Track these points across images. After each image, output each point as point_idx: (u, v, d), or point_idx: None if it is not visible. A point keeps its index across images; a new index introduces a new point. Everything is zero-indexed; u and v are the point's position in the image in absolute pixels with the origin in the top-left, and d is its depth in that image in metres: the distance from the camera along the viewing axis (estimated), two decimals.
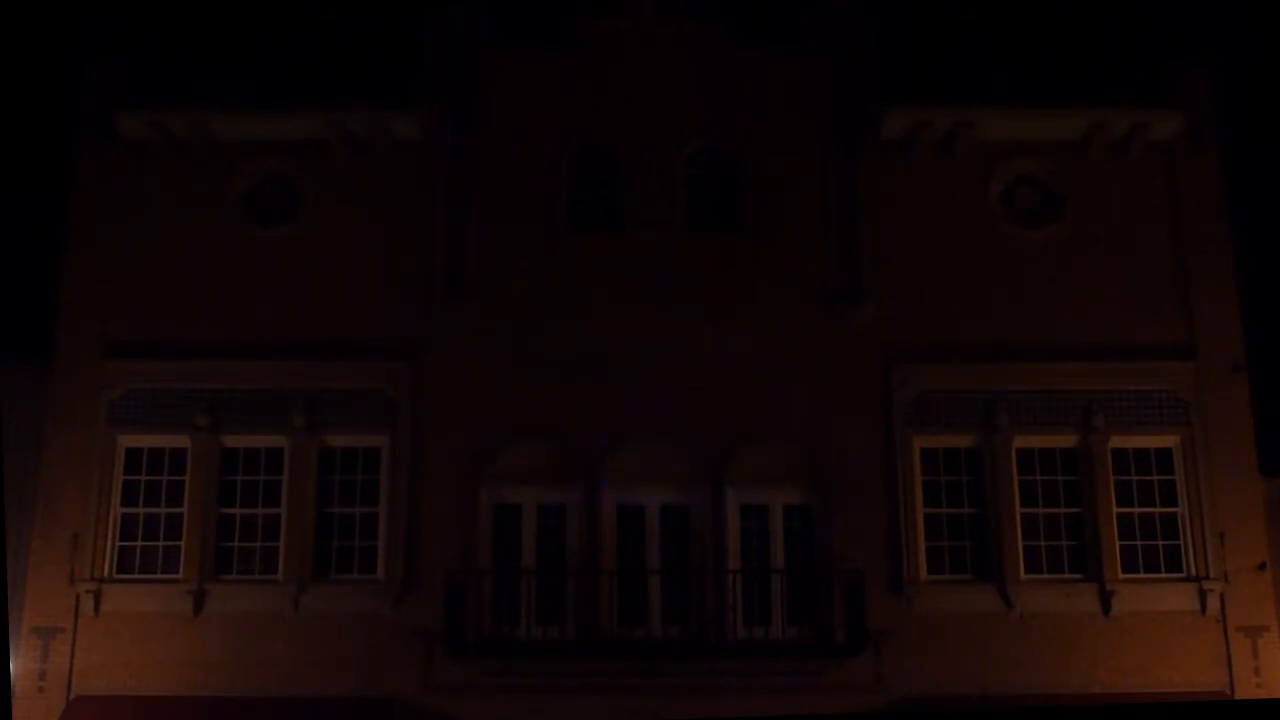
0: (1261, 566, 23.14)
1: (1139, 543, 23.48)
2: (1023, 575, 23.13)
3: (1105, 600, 22.94)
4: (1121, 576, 23.11)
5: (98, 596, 22.96)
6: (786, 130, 24.73)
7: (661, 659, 22.41)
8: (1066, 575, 23.32)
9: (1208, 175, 24.63)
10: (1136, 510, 23.58)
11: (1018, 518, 23.34)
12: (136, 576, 23.25)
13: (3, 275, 26.12)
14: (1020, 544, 23.25)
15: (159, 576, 23.25)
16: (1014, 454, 23.58)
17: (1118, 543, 23.26)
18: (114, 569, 23.29)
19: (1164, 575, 23.33)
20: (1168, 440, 23.77)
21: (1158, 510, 23.62)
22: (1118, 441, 23.65)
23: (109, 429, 23.63)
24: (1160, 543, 23.50)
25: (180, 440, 23.67)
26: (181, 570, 23.11)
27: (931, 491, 23.64)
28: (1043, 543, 23.44)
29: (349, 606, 23.00)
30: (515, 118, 24.78)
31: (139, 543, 23.44)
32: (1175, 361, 23.88)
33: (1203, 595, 23.02)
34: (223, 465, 23.68)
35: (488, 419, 23.56)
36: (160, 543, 23.40)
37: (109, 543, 23.31)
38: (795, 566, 23.31)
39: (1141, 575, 23.30)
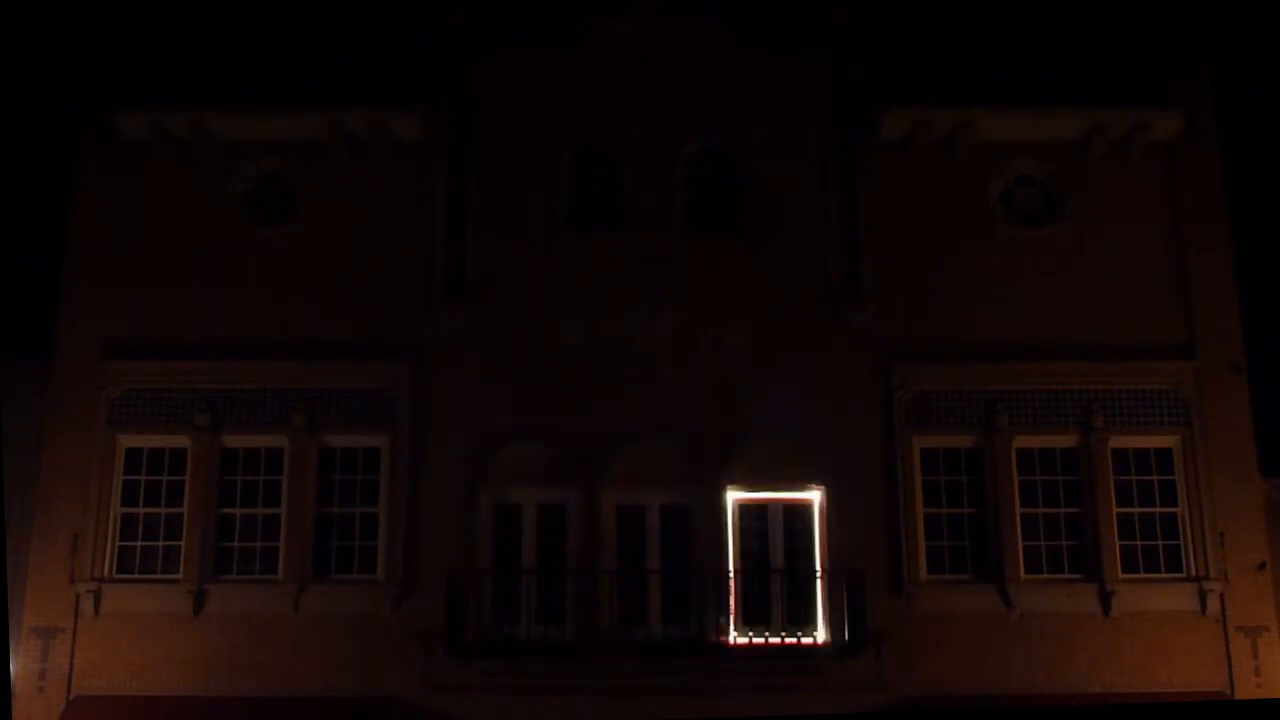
0: (1261, 566, 23.15)
1: (1139, 543, 23.48)
2: (1023, 575, 23.13)
3: (1105, 600, 22.94)
4: (1121, 576, 23.11)
5: (98, 596, 22.97)
6: (786, 130, 24.73)
7: (661, 659, 22.41)
8: (1066, 575, 23.32)
9: (1208, 175, 24.64)
10: (1136, 510, 23.58)
11: (1018, 518, 23.34)
12: (136, 576, 23.25)
13: (3, 275, 26.15)
14: (1020, 544, 23.26)
15: (159, 576, 23.25)
16: (1014, 454, 23.58)
17: (1118, 543, 23.27)
18: (114, 569, 23.30)
19: (1164, 575, 23.33)
20: (1168, 440, 23.77)
21: (1158, 510, 23.62)
22: (1118, 441, 23.66)
23: (109, 429, 23.64)
24: (1160, 543, 23.50)
25: (180, 440, 23.67)
26: (181, 570, 23.11)
27: (931, 491, 23.63)
28: (1043, 543, 23.44)
29: (349, 607, 23.00)
30: (515, 118, 24.78)
31: (139, 543, 23.45)
32: (1175, 361, 23.89)
33: (1203, 595, 23.02)
34: (223, 465, 23.69)
35: (488, 419, 23.56)
36: (160, 543, 23.41)
37: (109, 543, 23.32)
38: (795, 566, 23.31)
39: (1141, 575, 23.30)
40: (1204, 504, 23.34)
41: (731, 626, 22.85)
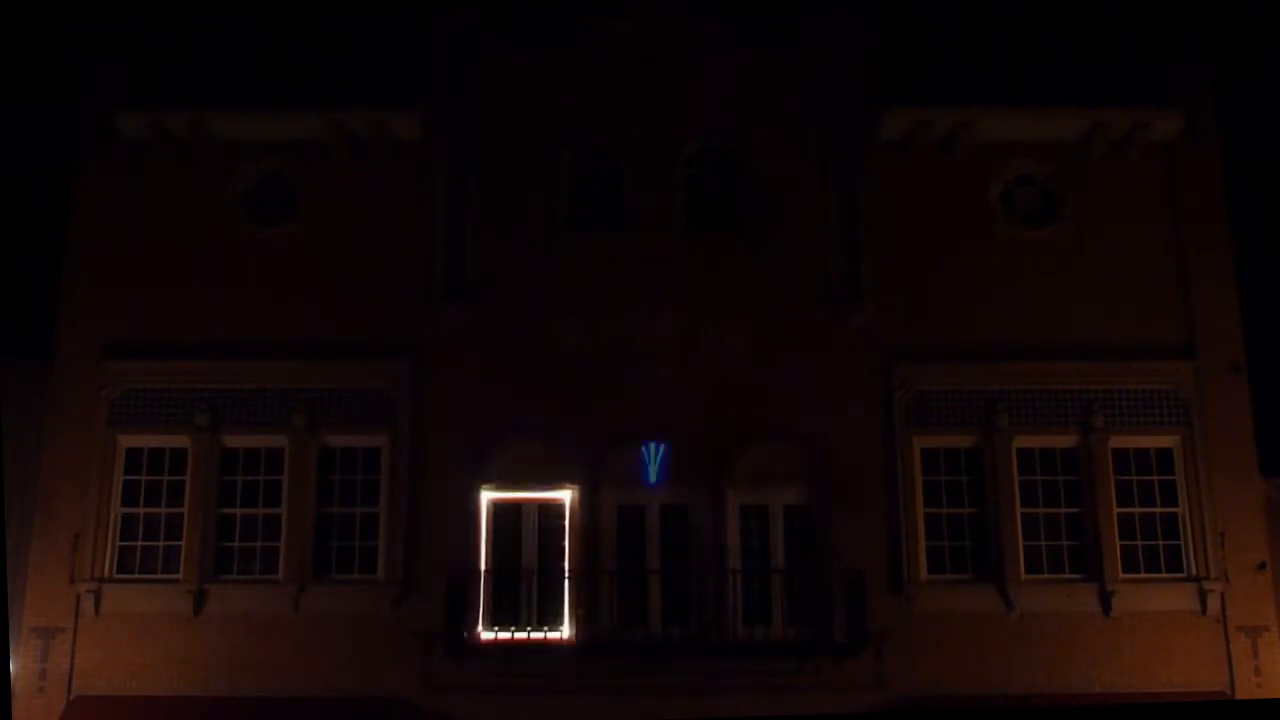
0: (1261, 566, 23.15)
1: (1139, 543, 23.48)
2: (1023, 575, 23.14)
3: (1105, 600, 22.94)
4: (1122, 576, 23.11)
5: (98, 596, 22.96)
6: (786, 130, 24.73)
7: (661, 659, 22.41)
8: (1066, 575, 23.32)
9: (1208, 175, 24.64)
10: (1137, 510, 23.58)
11: (1018, 518, 23.34)
12: (136, 576, 23.25)
13: (3, 275, 26.15)
14: (1020, 544, 23.26)
15: (159, 576, 23.26)
16: (1014, 454, 23.58)
17: (1118, 543, 23.27)
18: (114, 569, 23.30)
19: (1164, 575, 23.34)
20: (1168, 440, 23.78)
21: (1158, 510, 23.62)
22: (1118, 441, 23.66)
23: (109, 429, 23.64)
24: (1160, 543, 23.50)
25: (180, 440, 23.67)
26: (181, 570, 23.11)
27: (931, 491, 23.64)
28: (1043, 543, 23.44)
29: (349, 607, 23.00)
30: (515, 118, 24.78)
31: (139, 543, 23.45)
32: (1175, 361, 23.89)
33: (1203, 595, 23.02)
34: (223, 465, 23.69)
35: (488, 419, 23.56)
36: (160, 543, 23.41)
37: (109, 543, 23.32)
38: (795, 566, 23.31)
39: (1142, 575, 23.31)
40: (1204, 504, 23.34)
41: (732, 626, 22.83)
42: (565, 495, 23.51)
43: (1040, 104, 24.60)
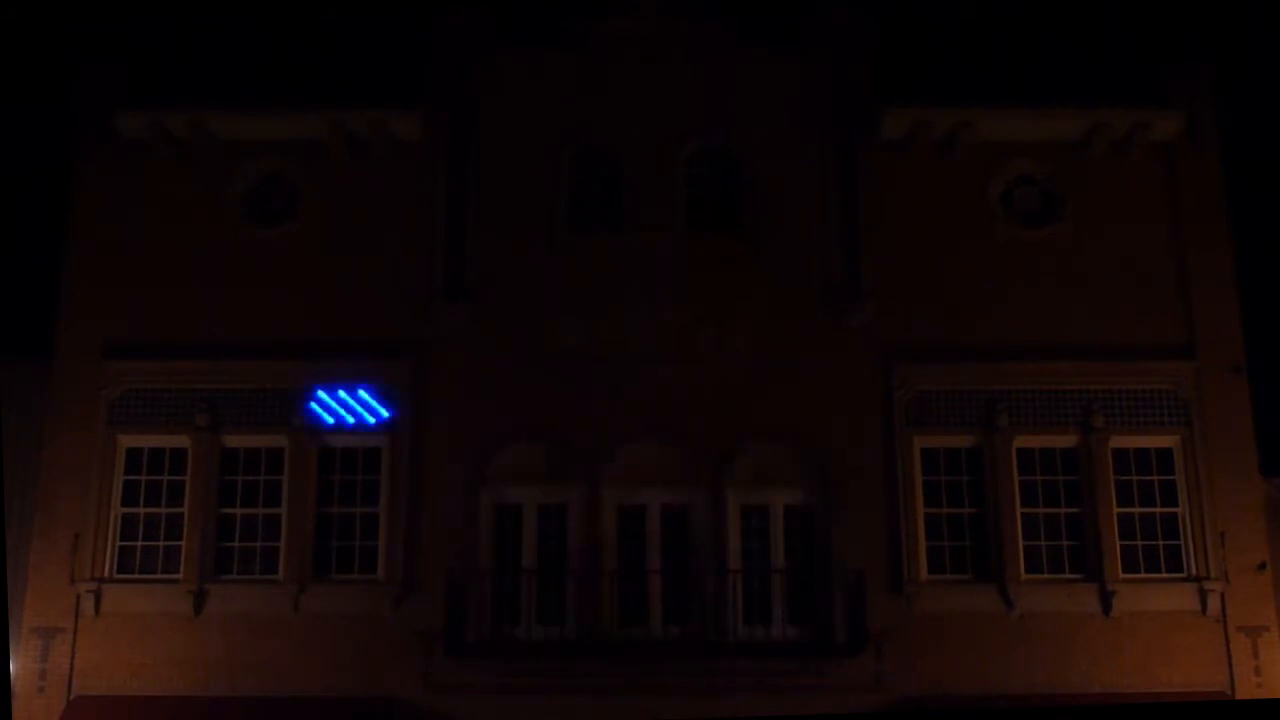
0: (1261, 566, 23.14)
1: (1139, 543, 23.47)
2: (1023, 575, 23.13)
3: (1105, 600, 22.94)
4: (1122, 576, 23.11)
5: (98, 596, 22.96)
6: (786, 130, 24.73)
7: (661, 659, 22.40)
8: (1066, 575, 23.32)
9: (1208, 175, 24.63)
10: (1137, 510, 23.58)
11: (1018, 518, 23.34)
12: (136, 576, 23.24)
13: (3, 275, 26.16)
14: (1020, 544, 23.25)
15: (159, 576, 23.25)
16: (1014, 454, 23.58)
17: (1118, 543, 23.26)
18: (114, 569, 23.30)
19: (1164, 575, 23.33)
20: (1168, 440, 23.77)
21: (1158, 510, 23.61)
22: (1118, 441, 23.65)
23: (109, 429, 23.63)
24: (1160, 543, 23.49)
25: (180, 440, 23.67)
26: (181, 570, 23.11)
27: (931, 491, 23.63)
28: (1043, 543, 23.44)
29: (349, 606, 23.00)
30: (515, 118, 24.78)
31: (139, 543, 23.45)
32: (1175, 361, 23.89)
33: (1203, 595, 23.02)
34: (223, 465, 23.68)
35: (488, 419, 23.56)
36: (160, 543, 23.41)
37: (109, 543, 23.31)
38: (795, 566, 23.31)
39: (1142, 575, 23.30)
40: (1204, 504, 23.33)
41: (732, 627, 22.84)
42: (565, 495, 23.42)
43: (1040, 104, 24.60)
